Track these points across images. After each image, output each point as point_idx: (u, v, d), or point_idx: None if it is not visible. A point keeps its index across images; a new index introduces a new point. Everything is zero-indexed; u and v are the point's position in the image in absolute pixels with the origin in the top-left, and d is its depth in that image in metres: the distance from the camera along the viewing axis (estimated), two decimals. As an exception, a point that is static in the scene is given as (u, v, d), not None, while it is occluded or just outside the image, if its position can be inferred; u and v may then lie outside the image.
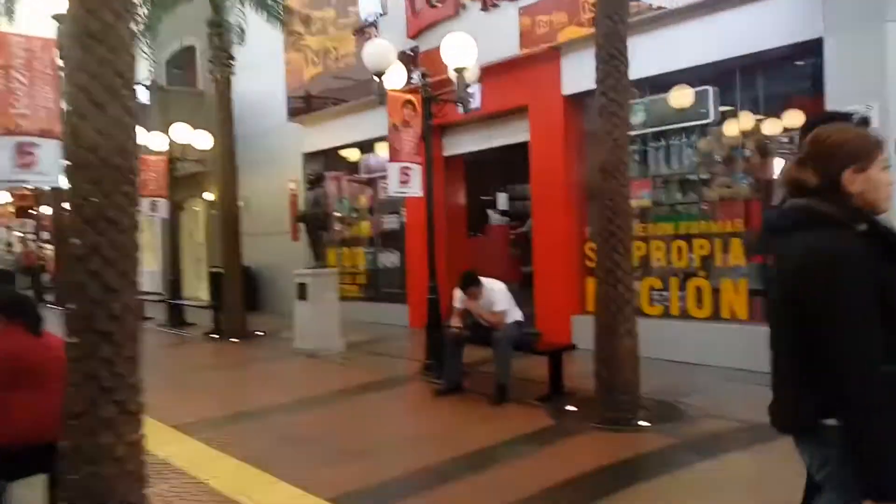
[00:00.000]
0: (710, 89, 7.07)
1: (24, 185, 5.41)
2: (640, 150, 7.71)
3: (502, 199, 14.20)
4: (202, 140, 11.72)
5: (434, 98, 6.90)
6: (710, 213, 7.20)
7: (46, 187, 6.08)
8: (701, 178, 7.33)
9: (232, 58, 10.11)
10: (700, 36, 6.76)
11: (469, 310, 6.05)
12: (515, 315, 6.09)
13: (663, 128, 7.48)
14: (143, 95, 14.89)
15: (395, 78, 6.91)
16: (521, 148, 8.70)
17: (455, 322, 6.09)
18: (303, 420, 5.65)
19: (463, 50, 6.47)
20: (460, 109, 7.10)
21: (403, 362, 7.71)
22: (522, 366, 6.64)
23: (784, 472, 4.30)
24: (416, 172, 6.89)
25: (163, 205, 11.70)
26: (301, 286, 8.60)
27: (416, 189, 6.93)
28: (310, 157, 12.20)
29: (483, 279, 6.03)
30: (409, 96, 6.80)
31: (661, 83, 7.41)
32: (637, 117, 7.67)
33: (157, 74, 14.78)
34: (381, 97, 6.65)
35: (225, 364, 8.78)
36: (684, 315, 7.14)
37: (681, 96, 7.27)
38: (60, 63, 4.70)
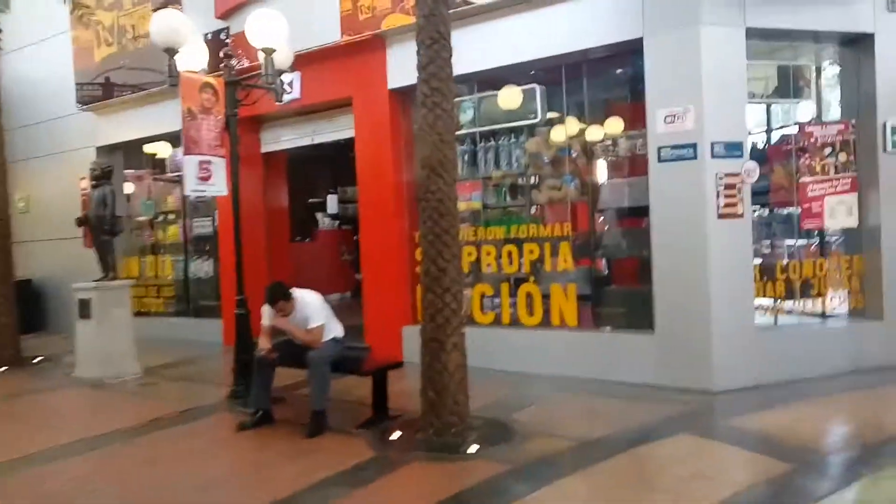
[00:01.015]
0: (538, 88, 6.85)
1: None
2: (471, 150, 7.34)
3: (332, 202, 13.44)
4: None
5: (239, 83, 5.99)
6: (540, 216, 6.99)
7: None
8: (530, 179, 7.10)
9: (-6, 29, 8.39)
10: (526, 31, 6.49)
11: (279, 327, 5.23)
12: (334, 330, 5.38)
13: (493, 127, 7.16)
14: None
15: (192, 57, 5.90)
16: (352, 146, 8.02)
17: (263, 342, 5.24)
18: (71, 470, 4.52)
19: (270, 28, 5.65)
20: (276, 99, 6.28)
21: (211, 388, 6.67)
22: (345, 386, 5.97)
23: (620, 493, 4.10)
24: (219, 167, 5.94)
25: None
26: (83, 302, 7.24)
27: (219, 187, 5.97)
28: (105, 150, 10.56)
29: (295, 291, 5.25)
30: (207, 79, 5.83)
31: (490, 80, 7.10)
32: (466, 115, 7.30)
33: None
34: (175, 79, 5.63)
35: None
36: (515, 322, 6.85)
37: (509, 94, 6.98)
38: None
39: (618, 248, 6.81)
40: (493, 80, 7.05)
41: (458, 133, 6.30)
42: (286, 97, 8.07)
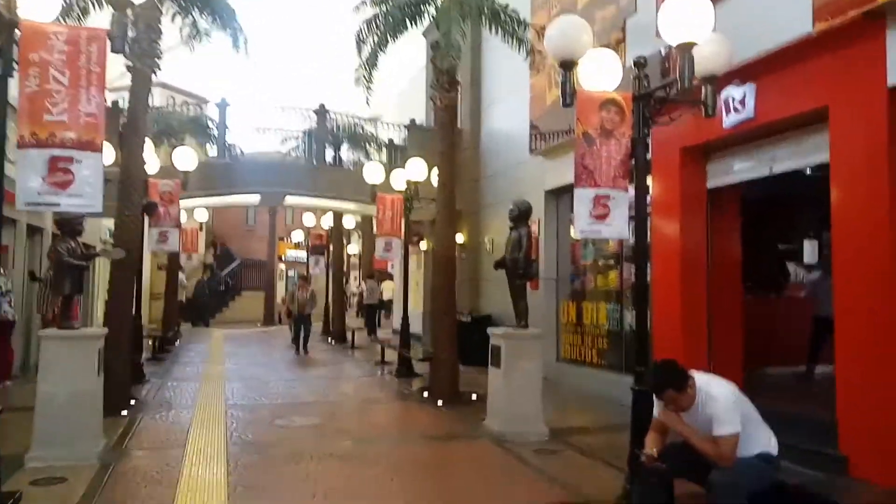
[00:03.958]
0: None
1: (55, 210, 4.86)
2: None
3: (810, 249, 10.65)
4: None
5: (650, 96, 4.68)
6: None
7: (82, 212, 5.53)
8: None
9: (455, 82, 8.97)
10: None
11: (669, 425, 3.67)
12: (759, 442, 3.55)
13: None
14: (399, 136, 14.93)
15: (596, 70, 4.87)
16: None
17: (650, 442, 3.76)
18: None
19: (691, 15, 4.21)
20: (704, 114, 4.77)
21: (618, 474, 5.28)
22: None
23: None
24: (620, 203, 4.72)
25: (397, 244, 11.11)
26: (494, 349, 6.87)
27: (618, 228, 4.75)
28: (552, 194, 10.48)
29: (697, 377, 3.63)
30: (609, 94, 4.70)
31: None
32: None
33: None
34: (571, 97, 4.67)
35: (391, 436, 7.35)
36: None
37: None
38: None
39: None
40: None
41: None
42: (734, 117, 6.45)
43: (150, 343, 13.46)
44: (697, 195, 7.43)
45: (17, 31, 3.67)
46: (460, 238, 13.90)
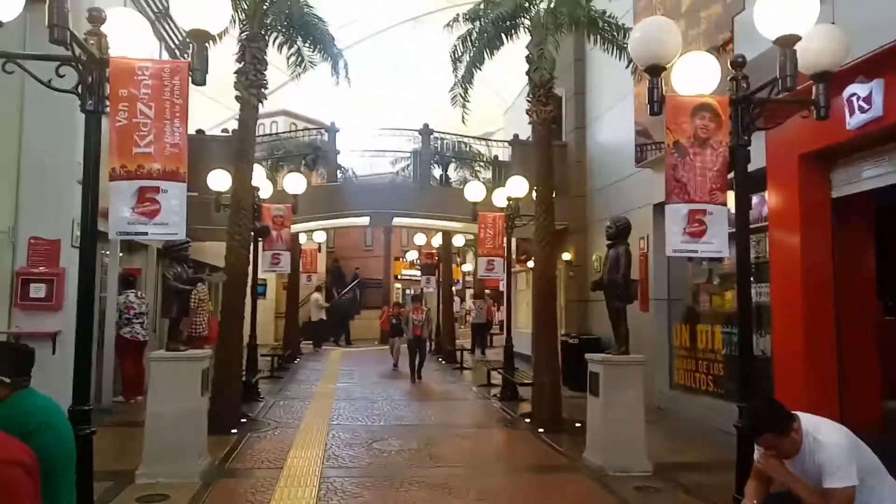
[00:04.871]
0: None
1: (143, 239, 5.06)
2: None
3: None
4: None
5: (750, 97, 4.20)
6: None
7: (164, 240, 5.70)
8: None
9: (551, 95, 8.69)
10: None
11: (769, 474, 3.20)
12: (881, 499, 3.00)
13: None
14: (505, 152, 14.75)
15: (689, 74, 4.46)
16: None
17: (750, 494, 3.30)
18: None
19: (790, 5, 3.74)
20: (816, 115, 4.24)
21: None
22: None
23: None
24: (718, 219, 4.27)
25: (499, 263, 10.91)
26: (592, 376, 6.47)
27: (717, 246, 4.29)
28: (661, 208, 9.83)
29: (804, 419, 3.14)
30: (702, 98, 4.28)
31: None
32: None
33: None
34: (659, 104, 4.30)
35: (486, 465, 6.98)
36: None
37: None
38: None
39: None
40: None
41: None
42: (860, 117, 5.76)
43: (271, 361, 14.07)
44: (820, 205, 6.66)
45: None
46: (567, 256, 13.47)
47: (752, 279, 7.72)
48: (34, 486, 2.53)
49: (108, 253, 9.42)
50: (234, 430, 7.83)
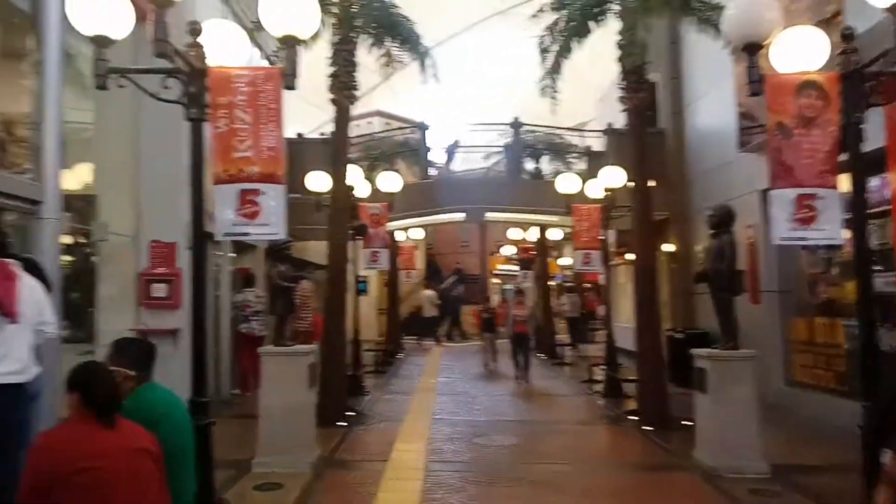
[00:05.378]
0: None
1: (245, 239, 5.23)
2: None
3: None
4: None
5: (861, 71, 3.89)
6: None
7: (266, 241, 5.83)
8: None
9: (644, 81, 8.40)
10: None
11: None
12: None
13: None
14: (598, 142, 14.39)
15: (794, 50, 4.19)
16: None
17: (881, 500, 3.05)
18: None
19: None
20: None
21: None
22: None
23: None
24: (831, 204, 3.99)
25: (596, 257, 10.69)
26: (699, 372, 6.21)
27: (828, 232, 4.02)
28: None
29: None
30: (808, 76, 4.01)
31: None
32: None
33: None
34: (759, 85, 4.06)
35: (589, 462, 6.87)
36: None
37: None
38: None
39: None
40: None
41: None
42: None
43: (375, 356, 14.49)
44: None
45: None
46: (670, 247, 12.99)
47: (876, 267, 7.18)
48: (160, 474, 2.75)
49: (220, 254, 10.00)
50: (340, 423, 8.12)
